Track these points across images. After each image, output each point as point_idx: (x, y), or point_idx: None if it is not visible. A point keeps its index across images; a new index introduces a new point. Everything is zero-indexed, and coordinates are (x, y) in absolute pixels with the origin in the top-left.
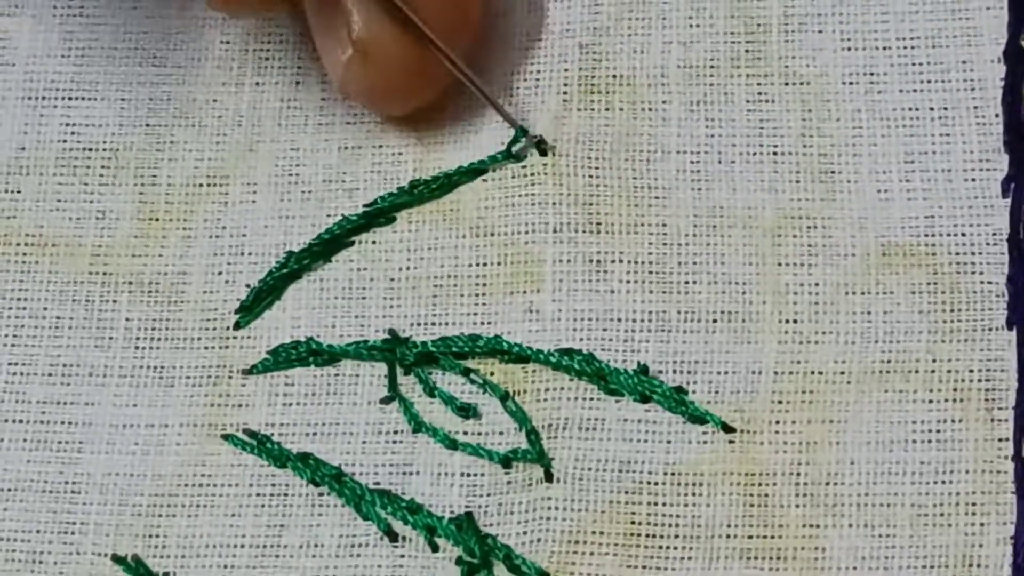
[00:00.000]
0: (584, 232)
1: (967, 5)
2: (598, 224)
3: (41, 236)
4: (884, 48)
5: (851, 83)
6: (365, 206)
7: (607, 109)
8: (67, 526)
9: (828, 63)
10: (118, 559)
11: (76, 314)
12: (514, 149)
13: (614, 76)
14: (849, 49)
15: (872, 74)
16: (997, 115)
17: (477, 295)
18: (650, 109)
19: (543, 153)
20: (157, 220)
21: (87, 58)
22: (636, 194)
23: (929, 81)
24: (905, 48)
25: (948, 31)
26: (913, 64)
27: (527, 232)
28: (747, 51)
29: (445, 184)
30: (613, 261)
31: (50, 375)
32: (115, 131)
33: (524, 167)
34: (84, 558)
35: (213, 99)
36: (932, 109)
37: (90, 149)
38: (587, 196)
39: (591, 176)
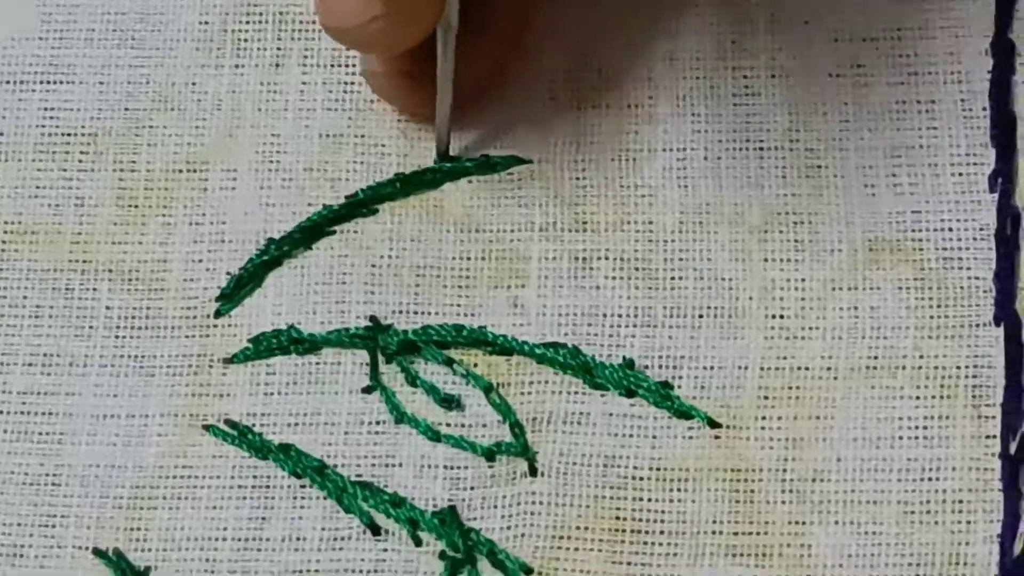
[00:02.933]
0: (570, 231)
1: None
2: (584, 223)
3: (20, 224)
4: (871, 39)
5: (838, 75)
6: (347, 197)
7: (593, 107)
8: (48, 519)
9: (815, 55)
10: (99, 553)
11: (56, 303)
12: (498, 159)
13: (599, 71)
14: (836, 40)
15: (859, 66)
16: (984, 108)
17: (460, 287)
18: (636, 106)
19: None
20: (136, 207)
21: (65, 40)
22: (622, 192)
23: (916, 73)
24: (892, 39)
25: (935, 22)
26: (900, 56)
27: (513, 231)
28: (733, 42)
29: (430, 180)
30: (599, 258)
31: (30, 365)
32: (94, 115)
33: (511, 173)
34: (65, 552)
35: (192, 82)
36: (919, 102)
37: (69, 134)
38: (573, 196)
39: (578, 179)
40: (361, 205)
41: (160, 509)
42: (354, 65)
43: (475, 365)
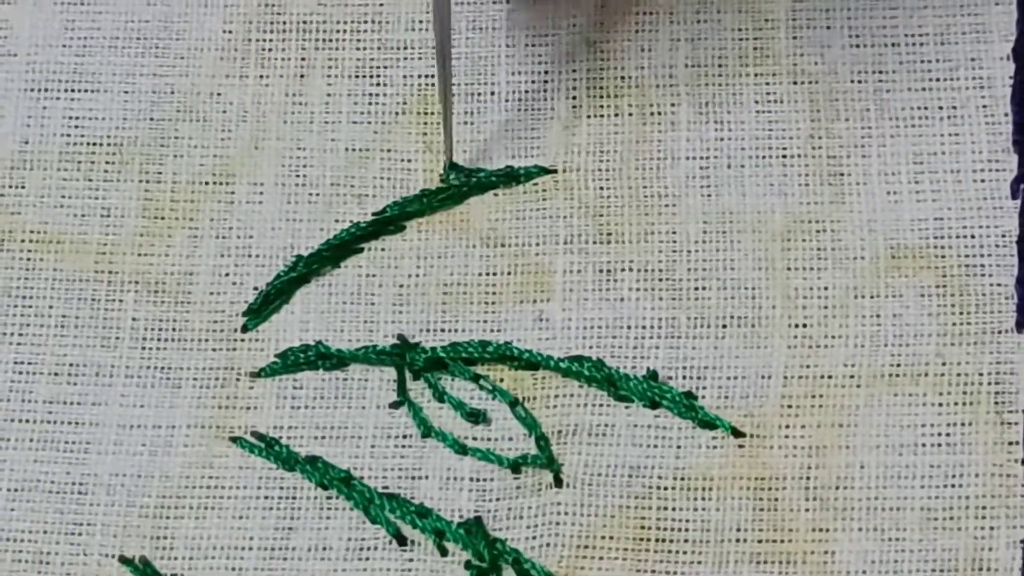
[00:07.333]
0: (594, 243)
1: (975, 0)
2: (608, 234)
3: (46, 233)
4: (892, 45)
5: (860, 81)
6: (374, 214)
7: (616, 115)
8: (74, 527)
9: (836, 60)
10: (125, 560)
11: (82, 313)
12: (521, 171)
13: (622, 78)
14: (857, 46)
15: (881, 72)
16: (1006, 114)
17: (487, 303)
18: (659, 113)
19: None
20: (163, 218)
21: (88, 48)
22: (646, 202)
23: (938, 79)
24: (913, 45)
25: (956, 27)
26: (922, 61)
27: (538, 244)
28: (755, 48)
29: (455, 195)
30: (623, 270)
31: (56, 374)
32: (119, 125)
33: (535, 184)
34: (91, 559)
35: (217, 92)
36: (941, 108)
37: (94, 144)
38: (597, 207)
39: (601, 188)
40: (388, 223)
41: (186, 518)
42: (378, 75)
43: (501, 380)
